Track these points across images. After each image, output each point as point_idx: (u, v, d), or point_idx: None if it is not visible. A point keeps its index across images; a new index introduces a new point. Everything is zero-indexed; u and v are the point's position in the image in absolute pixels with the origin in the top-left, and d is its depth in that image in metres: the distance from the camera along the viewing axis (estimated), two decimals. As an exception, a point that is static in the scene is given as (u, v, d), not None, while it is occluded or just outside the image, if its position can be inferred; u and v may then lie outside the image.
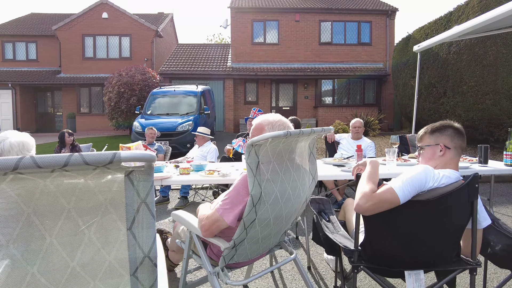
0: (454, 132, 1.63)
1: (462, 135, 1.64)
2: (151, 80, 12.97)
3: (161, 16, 19.86)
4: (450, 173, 1.54)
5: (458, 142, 1.62)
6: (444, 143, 1.62)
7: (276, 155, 1.58)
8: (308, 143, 1.79)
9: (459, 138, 1.63)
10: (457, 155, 1.62)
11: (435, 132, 1.65)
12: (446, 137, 1.62)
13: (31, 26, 17.83)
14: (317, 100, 14.75)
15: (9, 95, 15.75)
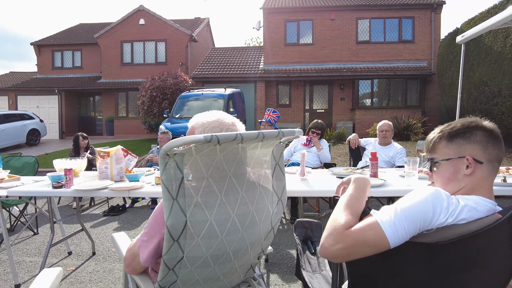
0: (487, 137, 1.04)
1: (498, 140, 1.05)
2: (182, 84, 12.98)
3: (197, 21, 20.09)
4: (478, 203, 0.99)
5: (494, 152, 1.04)
6: (473, 155, 1.04)
7: (212, 168, 1.13)
8: (271, 152, 1.30)
9: (495, 146, 1.04)
10: (492, 173, 1.05)
11: (457, 137, 1.07)
12: (475, 146, 1.04)
13: (77, 36, 18.86)
14: (354, 102, 13.88)
15: (55, 101, 16.70)
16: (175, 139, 1.00)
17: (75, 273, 2.78)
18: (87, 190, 2.26)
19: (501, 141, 1.06)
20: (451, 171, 1.08)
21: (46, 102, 16.76)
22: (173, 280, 1.18)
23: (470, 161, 1.03)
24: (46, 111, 16.71)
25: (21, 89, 16.83)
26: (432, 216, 0.94)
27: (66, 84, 16.68)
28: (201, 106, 10.15)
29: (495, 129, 1.07)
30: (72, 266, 2.91)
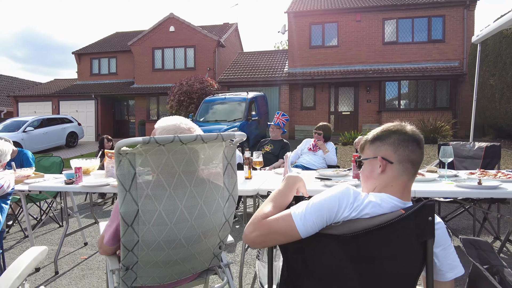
0: (399, 140, 1.14)
1: (413, 144, 1.13)
2: (208, 88, 13.41)
3: (226, 27, 20.59)
4: (383, 199, 1.09)
5: (405, 153, 1.13)
6: (385, 155, 1.15)
7: (162, 166, 1.33)
8: (223, 152, 1.48)
9: (406, 148, 1.13)
10: (404, 173, 1.13)
11: (376, 139, 1.18)
12: (388, 147, 1.14)
13: (113, 44, 20.02)
14: (380, 104, 13.60)
15: (92, 105, 17.83)
16: (122, 140, 1.21)
17: (87, 261, 3.09)
18: (91, 186, 2.55)
19: (414, 144, 1.14)
20: (368, 169, 1.19)
21: (84, 106, 17.94)
22: (134, 261, 1.39)
23: (380, 161, 1.15)
24: (84, 115, 17.88)
25: (62, 95, 18.14)
26: (337, 210, 1.07)
27: (102, 90, 17.76)
28: (224, 109, 10.46)
29: (411, 133, 1.15)
30: (86, 255, 3.24)
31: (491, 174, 2.42)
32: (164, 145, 1.25)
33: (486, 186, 1.99)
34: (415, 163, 1.14)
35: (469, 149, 3.66)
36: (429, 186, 2.10)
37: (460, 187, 2.02)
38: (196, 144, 1.32)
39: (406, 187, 1.14)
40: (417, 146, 1.14)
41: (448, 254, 1.13)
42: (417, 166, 1.15)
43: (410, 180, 1.15)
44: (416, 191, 1.97)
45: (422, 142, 1.16)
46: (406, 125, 1.19)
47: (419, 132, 1.18)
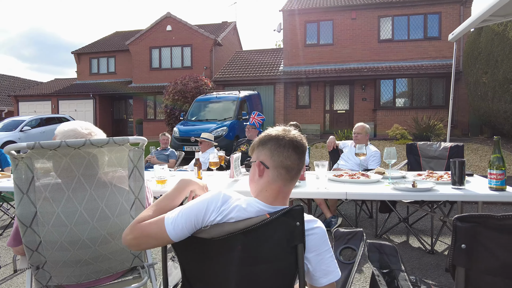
0: (276, 145, 1.14)
1: (289, 150, 1.14)
2: (203, 87, 13.44)
3: (224, 25, 20.60)
4: (250, 204, 1.11)
5: (279, 159, 1.13)
6: (263, 160, 1.16)
7: (61, 169, 1.36)
8: (127, 156, 1.51)
9: (281, 154, 1.13)
10: (278, 179, 1.14)
11: (261, 144, 1.19)
12: (266, 152, 1.16)
13: (112, 43, 20.16)
14: (376, 102, 13.53)
15: (90, 104, 17.99)
16: (10, 145, 1.24)
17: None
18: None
19: (290, 150, 1.14)
20: (252, 173, 1.21)
21: (83, 105, 18.11)
22: (42, 260, 1.43)
23: (257, 165, 1.16)
24: (82, 114, 18.04)
25: (61, 94, 18.34)
26: (204, 214, 1.09)
27: (100, 89, 17.90)
28: (215, 108, 10.49)
29: (288, 139, 1.15)
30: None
31: (437, 176, 2.42)
32: (56, 149, 1.28)
33: (418, 189, 1.99)
34: (290, 169, 1.14)
35: (435, 150, 3.65)
36: (363, 188, 2.11)
37: (396, 190, 2.03)
38: (89, 148, 1.35)
39: (280, 192, 1.15)
40: (293, 152, 1.14)
41: (323, 259, 1.14)
42: (292, 172, 1.15)
43: (287, 186, 1.16)
44: (348, 192, 1.98)
45: (301, 148, 1.16)
46: (290, 130, 1.20)
47: (302, 138, 1.19)
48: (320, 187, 2.09)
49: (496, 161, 2.00)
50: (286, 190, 1.17)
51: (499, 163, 1.98)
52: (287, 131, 1.19)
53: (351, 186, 2.16)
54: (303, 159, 1.19)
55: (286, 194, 1.17)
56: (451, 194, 1.94)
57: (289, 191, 1.19)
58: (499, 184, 1.96)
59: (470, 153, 8.51)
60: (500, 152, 2.01)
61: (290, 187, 1.18)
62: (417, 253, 3.02)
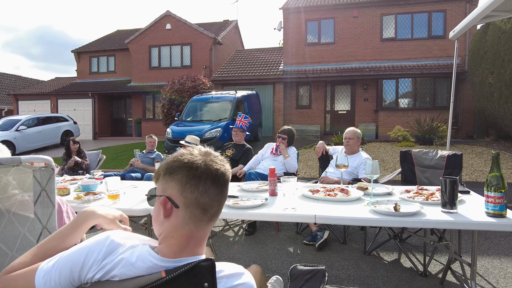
0: (188, 176, 0.84)
1: (206, 182, 0.84)
2: (201, 87, 13.18)
3: (225, 24, 20.32)
4: (141, 257, 0.81)
5: (193, 195, 0.83)
6: (170, 195, 0.86)
7: None
8: (32, 177, 1.23)
9: (196, 189, 0.83)
10: (191, 221, 0.84)
11: (169, 170, 0.88)
12: (175, 185, 0.85)
13: (112, 42, 19.98)
14: (378, 103, 13.17)
15: (89, 104, 17.82)
16: None
17: None
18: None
19: (208, 183, 0.84)
20: (156, 210, 0.91)
21: (82, 105, 17.95)
22: None
23: (162, 203, 0.87)
24: (81, 114, 17.89)
25: (60, 93, 18.20)
26: (81, 268, 0.81)
27: (100, 88, 17.72)
28: (211, 109, 10.23)
29: (204, 168, 0.85)
30: None
31: (428, 193, 2.11)
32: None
33: (400, 213, 1.69)
34: (208, 207, 0.86)
35: (431, 158, 3.33)
36: (337, 209, 1.81)
37: (374, 213, 1.72)
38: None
39: (192, 238, 0.86)
40: (212, 185, 0.85)
41: None
42: (211, 211, 0.87)
43: (202, 229, 0.87)
44: (318, 215, 1.69)
45: (222, 179, 0.87)
46: (209, 153, 0.90)
47: (224, 165, 0.90)
48: (289, 207, 1.80)
49: (494, 180, 1.68)
50: (201, 235, 0.88)
51: (498, 183, 1.67)
52: (205, 155, 0.89)
53: (324, 206, 1.87)
54: (225, 192, 0.90)
55: (201, 239, 0.88)
56: (439, 220, 1.63)
57: (206, 235, 0.89)
58: (497, 209, 1.65)
59: (474, 157, 8.14)
60: (500, 170, 1.70)
61: (207, 230, 0.89)
62: (407, 275, 2.71)
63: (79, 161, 5.68)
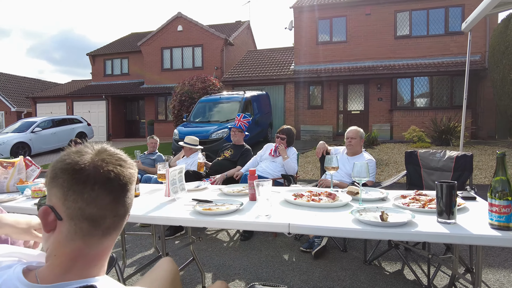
0: (71, 181, 0.68)
1: (94, 188, 0.68)
2: (211, 88, 13.10)
3: (237, 25, 20.25)
4: (5, 281, 0.65)
5: (77, 205, 0.67)
6: (54, 204, 0.70)
7: None
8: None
9: (80, 196, 0.67)
10: (77, 237, 0.68)
11: (49, 178, 0.71)
12: (58, 191, 0.69)
13: (126, 44, 20.23)
14: (392, 102, 12.74)
15: (103, 105, 18.07)
16: None
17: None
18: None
19: (96, 188, 0.68)
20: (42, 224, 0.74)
21: (96, 107, 18.22)
22: None
23: (42, 214, 0.69)
24: (96, 115, 18.16)
25: (76, 95, 18.53)
26: None
27: (114, 90, 17.95)
28: (219, 109, 10.12)
29: (92, 168, 0.68)
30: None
31: (426, 199, 1.87)
32: None
33: (386, 224, 1.47)
34: (99, 219, 0.69)
35: (438, 160, 3.06)
36: (316, 217, 1.60)
37: (356, 223, 1.51)
38: None
39: (80, 256, 0.69)
40: (102, 191, 0.68)
41: None
42: (104, 224, 0.70)
43: (94, 247, 0.70)
44: (292, 224, 1.49)
45: (118, 182, 0.70)
46: (103, 151, 0.73)
47: (121, 165, 0.72)
48: (262, 214, 1.61)
49: (499, 186, 1.44)
50: (94, 253, 0.70)
51: (504, 189, 1.43)
52: (97, 153, 0.72)
53: (303, 214, 1.67)
54: (123, 199, 0.72)
55: (95, 258, 0.70)
56: (431, 233, 1.39)
57: (103, 253, 0.72)
58: (502, 220, 1.40)
59: (493, 158, 7.68)
60: (506, 173, 1.46)
61: (102, 247, 0.71)
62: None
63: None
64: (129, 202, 0.75)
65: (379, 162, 8.04)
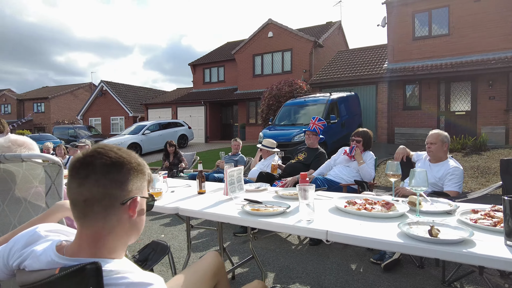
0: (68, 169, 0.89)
1: (68, 174, 0.85)
2: (297, 91, 13.22)
3: (328, 26, 19.96)
4: (45, 251, 0.86)
5: (67, 192, 0.87)
6: None
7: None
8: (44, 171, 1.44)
9: (67, 182, 0.86)
10: (77, 221, 0.85)
11: None
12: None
13: (222, 53, 21.81)
14: (509, 101, 10.89)
15: (202, 111, 19.82)
16: None
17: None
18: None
19: (69, 176, 0.84)
20: None
21: (196, 111, 20.08)
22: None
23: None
24: (196, 119, 20.02)
25: (179, 102, 20.75)
26: (8, 255, 0.92)
27: (211, 97, 19.54)
28: (303, 112, 10.15)
29: (71, 160, 0.88)
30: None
31: (500, 218, 1.62)
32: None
33: (433, 240, 1.34)
34: (74, 203, 0.84)
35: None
36: (360, 227, 1.55)
37: (405, 236, 1.42)
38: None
39: (81, 236, 0.85)
40: (71, 178, 0.84)
41: None
42: (77, 207, 0.84)
43: (84, 227, 0.84)
44: (329, 231, 1.48)
45: (81, 170, 0.83)
46: (85, 143, 0.89)
47: (92, 154, 0.85)
48: (304, 219, 1.63)
49: None
50: (89, 233, 0.84)
51: None
52: (87, 150, 0.88)
53: (347, 222, 1.63)
54: (88, 186, 0.82)
55: (95, 238, 0.84)
56: (487, 256, 1.21)
57: (100, 235, 0.84)
58: None
59: None
60: None
61: (93, 228, 0.84)
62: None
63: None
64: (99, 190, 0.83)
65: (484, 171, 6.99)
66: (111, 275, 0.79)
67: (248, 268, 3.02)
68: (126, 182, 0.86)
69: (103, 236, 0.84)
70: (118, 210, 0.86)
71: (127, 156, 0.89)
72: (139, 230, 0.93)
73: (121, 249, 0.90)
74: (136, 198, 0.89)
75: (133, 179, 0.88)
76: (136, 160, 0.91)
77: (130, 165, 0.88)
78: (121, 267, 0.82)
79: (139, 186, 0.91)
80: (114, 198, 0.84)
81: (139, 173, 0.91)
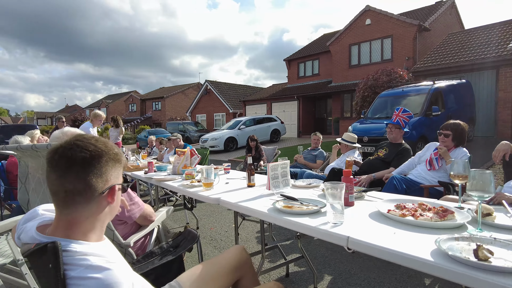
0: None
1: (47, 166, 0.91)
2: (397, 80, 12.07)
3: (437, 6, 17.69)
4: (31, 227, 0.98)
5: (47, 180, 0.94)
6: None
7: (41, 168, 1.67)
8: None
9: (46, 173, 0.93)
10: (55, 207, 0.92)
11: None
12: None
13: (317, 46, 21.39)
14: None
15: (295, 105, 19.83)
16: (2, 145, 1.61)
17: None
18: (140, 176, 3.17)
19: (48, 168, 0.90)
20: None
21: (289, 106, 20.22)
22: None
23: None
24: (289, 114, 20.17)
25: (273, 97, 21.18)
26: (17, 227, 1.06)
27: (304, 91, 19.39)
28: (400, 104, 9.20)
29: (49, 150, 0.93)
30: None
31: None
32: (24, 151, 1.56)
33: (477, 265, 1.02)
34: (54, 193, 0.90)
35: None
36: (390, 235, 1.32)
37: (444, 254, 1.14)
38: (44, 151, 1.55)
39: (58, 220, 0.92)
40: (50, 169, 0.89)
41: None
42: (57, 196, 0.89)
43: (63, 214, 0.90)
44: (350, 238, 1.30)
45: (61, 163, 0.88)
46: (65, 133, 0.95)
47: (73, 148, 0.89)
48: (330, 221, 1.47)
49: None
50: (67, 218, 0.90)
51: None
52: (58, 136, 0.95)
53: (382, 229, 1.39)
54: (69, 178, 0.88)
55: (72, 223, 0.90)
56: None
57: (78, 220, 0.91)
58: None
59: None
60: None
61: (71, 216, 0.90)
62: None
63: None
64: (80, 182, 0.89)
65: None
66: (75, 255, 0.84)
67: (305, 268, 2.91)
68: (105, 172, 0.94)
69: (80, 221, 0.91)
70: (98, 199, 0.93)
71: (105, 147, 0.95)
72: (115, 212, 0.99)
73: (99, 230, 0.96)
74: (115, 186, 0.95)
75: (111, 168, 0.96)
76: (113, 150, 0.97)
77: (108, 156, 0.95)
78: (89, 249, 0.86)
79: (116, 175, 0.97)
80: (95, 189, 0.91)
81: (116, 162, 0.97)
